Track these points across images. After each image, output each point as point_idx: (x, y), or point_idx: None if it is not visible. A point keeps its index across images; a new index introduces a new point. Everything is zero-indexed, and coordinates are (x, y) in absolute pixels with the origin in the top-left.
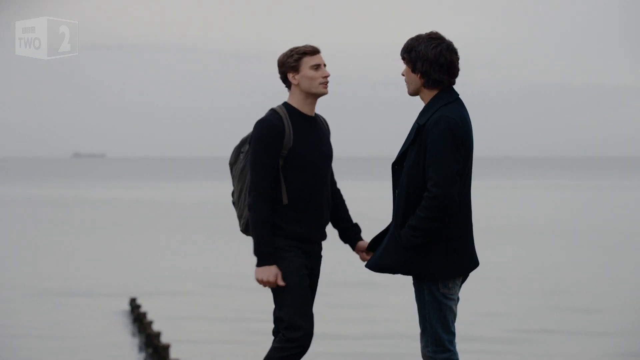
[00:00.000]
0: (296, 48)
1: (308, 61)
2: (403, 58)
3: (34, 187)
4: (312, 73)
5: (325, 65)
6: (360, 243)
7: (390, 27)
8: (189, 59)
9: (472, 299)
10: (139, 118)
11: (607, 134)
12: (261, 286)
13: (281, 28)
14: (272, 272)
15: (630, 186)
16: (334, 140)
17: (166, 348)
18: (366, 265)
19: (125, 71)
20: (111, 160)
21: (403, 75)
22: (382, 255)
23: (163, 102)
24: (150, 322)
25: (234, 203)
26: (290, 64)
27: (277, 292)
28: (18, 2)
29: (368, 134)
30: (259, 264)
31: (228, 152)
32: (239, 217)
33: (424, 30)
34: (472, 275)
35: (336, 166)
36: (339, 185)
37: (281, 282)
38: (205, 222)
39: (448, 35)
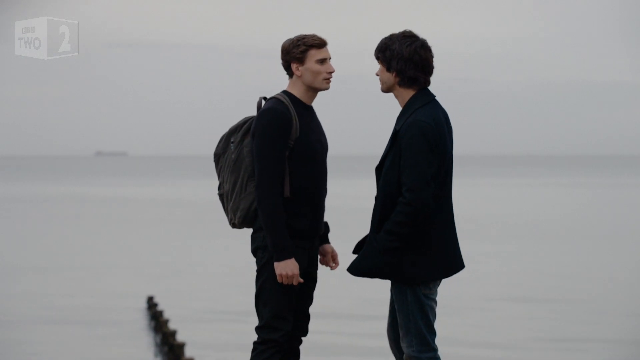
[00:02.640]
0: (303, 38)
1: (314, 54)
2: (377, 58)
3: (57, 185)
4: (317, 67)
5: (330, 58)
6: (326, 246)
7: (410, 24)
8: (209, 58)
9: (482, 304)
10: (160, 117)
11: (626, 131)
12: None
13: (304, 26)
14: (295, 265)
15: None
16: (357, 137)
17: (181, 346)
18: (347, 269)
19: (146, 69)
20: (133, 159)
21: (377, 75)
22: (361, 260)
23: (184, 101)
24: (167, 321)
25: (221, 196)
26: (296, 54)
27: (266, 289)
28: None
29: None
30: (279, 258)
31: None
32: (234, 210)
33: (442, 27)
34: (480, 279)
35: (360, 163)
36: (349, 185)
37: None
38: (225, 220)
39: (465, 31)
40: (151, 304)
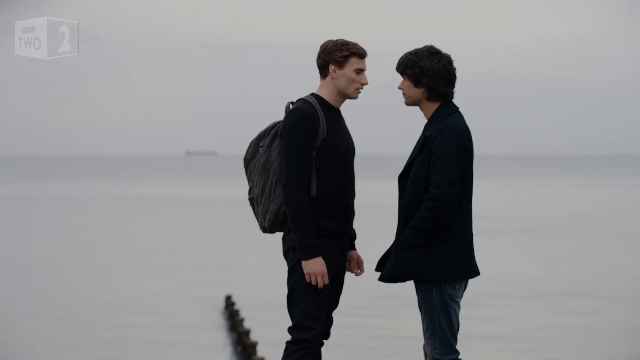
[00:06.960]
0: (347, 44)
1: (355, 62)
2: (403, 73)
3: (149, 184)
4: (353, 75)
5: (365, 70)
6: (352, 252)
7: (480, 27)
8: (296, 58)
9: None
10: (251, 117)
11: None
12: (311, 280)
13: (380, 27)
14: (322, 263)
15: None
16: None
17: (253, 346)
18: (379, 279)
19: (237, 70)
20: (223, 158)
21: (400, 88)
22: (391, 266)
23: (274, 101)
24: (242, 320)
25: (252, 200)
26: (337, 57)
27: (297, 290)
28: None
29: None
30: (307, 257)
31: None
32: (264, 213)
33: (514, 27)
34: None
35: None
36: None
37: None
38: None
39: (550, 32)
40: (229, 303)
